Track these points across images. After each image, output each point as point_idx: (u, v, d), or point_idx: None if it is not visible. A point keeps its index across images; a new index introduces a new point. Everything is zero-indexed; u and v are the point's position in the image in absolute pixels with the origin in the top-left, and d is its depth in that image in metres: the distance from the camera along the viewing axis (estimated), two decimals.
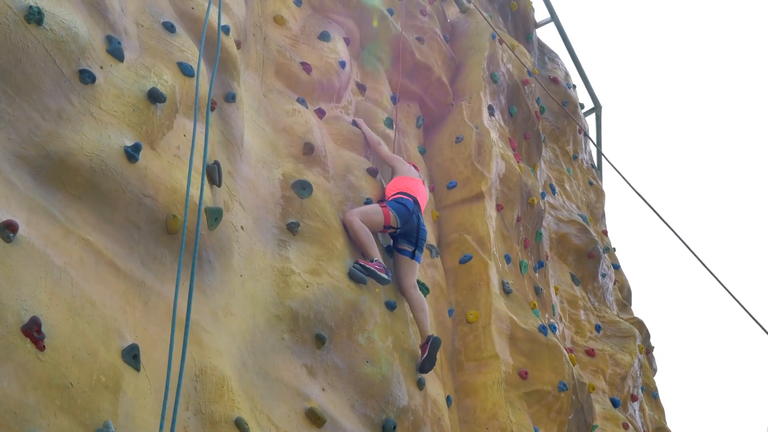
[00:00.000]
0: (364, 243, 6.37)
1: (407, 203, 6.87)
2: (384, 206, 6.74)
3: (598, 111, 15.22)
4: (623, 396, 10.04)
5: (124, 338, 4.04)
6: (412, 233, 6.85)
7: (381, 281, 6.20)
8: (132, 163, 4.48)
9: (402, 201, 6.88)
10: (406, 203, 6.86)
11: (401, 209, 6.77)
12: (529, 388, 7.42)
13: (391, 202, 6.86)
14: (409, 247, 6.85)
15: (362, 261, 6.17)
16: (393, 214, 6.71)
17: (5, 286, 3.51)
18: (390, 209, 6.72)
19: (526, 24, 12.93)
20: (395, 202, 6.85)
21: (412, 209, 6.87)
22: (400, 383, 5.92)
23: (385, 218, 6.67)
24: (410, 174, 7.35)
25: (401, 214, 6.75)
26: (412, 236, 6.86)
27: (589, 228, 11.46)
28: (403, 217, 6.76)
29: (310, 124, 6.91)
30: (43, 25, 4.20)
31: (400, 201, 6.87)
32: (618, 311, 11.85)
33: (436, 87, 9.61)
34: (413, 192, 7.11)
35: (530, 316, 8.07)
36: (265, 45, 7.28)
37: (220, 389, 4.45)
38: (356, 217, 6.46)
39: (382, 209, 6.70)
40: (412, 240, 6.86)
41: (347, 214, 6.49)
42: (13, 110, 4.03)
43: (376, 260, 6.25)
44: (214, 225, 4.98)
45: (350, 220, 6.43)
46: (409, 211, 6.81)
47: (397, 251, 6.90)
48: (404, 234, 6.84)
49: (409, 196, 7.01)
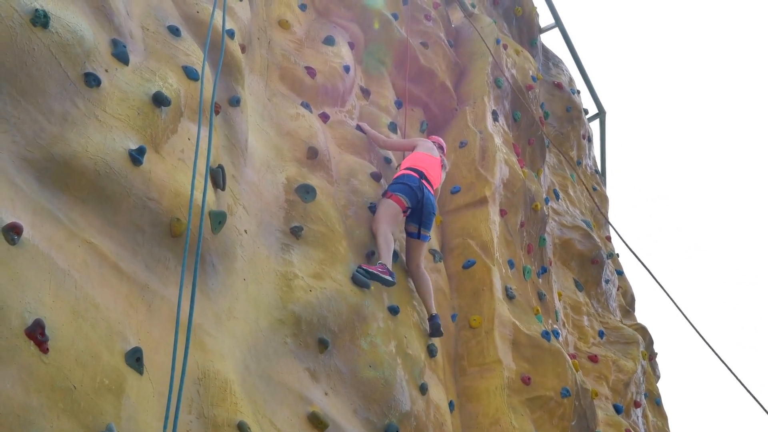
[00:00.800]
0: (381, 247, 6.46)
1: (410, 179, 6.94)
2: (390, 196, 6.82)
3: (603, 116, 15.23)
4: (626, 402, 10.01)
5: (127, 341, 4.04)
6: (416, 212, 6.92)
7: (386, 284, 6.24)
8: (136, 166, 4.48)
9: (403, 179, 6.96)
10: (407, 180, 6.93)
11: (404, 189, 6.86)
12: (531, 394, 7.40)
13: (392, 186, 6.94)
14: (414, 227, 6.95)
15: (365, 265, 6.18)
16: (401, 197, 6.80)
17: (9, 289, 3.51)
18: (395, 194, 6.81)
19: (531, 29, 12.94)
20: (396, 184, 6.93)
21: (416, 185, 6.91)
22: (403, 388, 5.92)
23: (399, 204, 6.78)
24: (426, 150, 7.38)
25: (406, 194, 6.84)
26: (416, 215, 6.92)
27: (592, 234, 11.45)
28: (409, 196, 6.85)
29: (314, 128, 6.92)
30: (48, 28, 4.21)
31: (400, 181, 6.95)
32: (621, 317, 11.83)
33: (440, 92, 9.62)
34: (422, 167, 7.14)
35: (533, 321, 8.05)
36: (269, 49, 7.29)
37: (223, 393, 4.45)
38: (384, 225, 6.57)
39: (392, 200, 6.78)
40: (416, 219, 6.92)
41: (373, 225, 6.62)
42: (18, 113, 4.04)
43: (380, 263, 6.27)
44: (218, 229, 4.99)
45: (377, 229, 6.56)
46: (412, 188, 6.88)
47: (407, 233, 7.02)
48: (414, 215, 6.94)
49: (414, 171, 7.07)
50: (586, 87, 14.73)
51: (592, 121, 15.04)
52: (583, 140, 13.31)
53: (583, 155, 13.29)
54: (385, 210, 6.72)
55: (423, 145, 7.45)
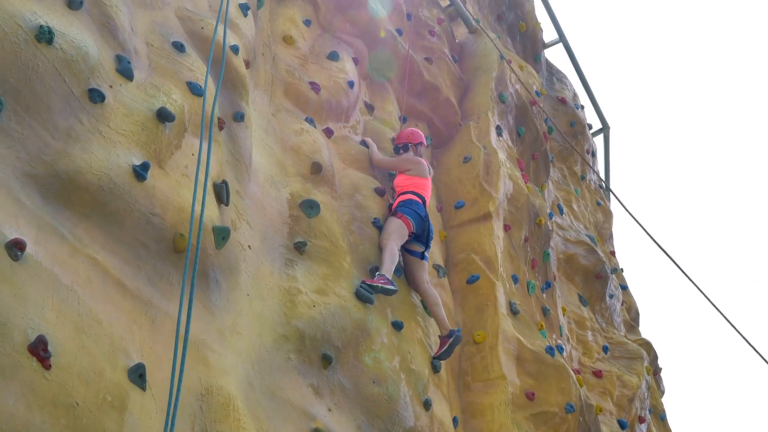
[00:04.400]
0: (385, 261, 6.54)
1: (418, 208, 7.11)
2: (400, 216, 6.95)
3: (607, 132, 15.21)
4: (631, 418, 9.96)
5: (130, 357, 4.03)
6: (423, 236, 7.14)
7: (389, 293, 6.29)
8: (140, 182, 4.49)
9: (412, 206, 7.09)
10: (417, 209, 7.10)
11: (414, 216, 7.02)
12: (536, 410, 7.38)
13: (404, 210, 7.04)
14: (420, 248, 7.12)
15: (368, 280, 6.19)
16: (411, 221, 6.97)
17: (12, 305, 3.50)
18: (407, 218, 6.96)
19: (535, 45, 12.96)
20: (406, 208, 7.06)
21: (424, 215, 7.13)
22: (407, 404, 5.90)
23: (408, 228, 6.94)
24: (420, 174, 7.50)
25: (415, 221, 7.00)
26: (423, 238, 7.15)
27: (596, 248, 11.43)
28: (417, 223, 7.01)
29: (318, 143, 6.92)
30: (53, 44, 4.22)
31: (411, 207, 7.08)
32: (626, 332, 11.79)
33: (445, 107, 9.63)
34: (421, 190, 7.35)
35: (537, 336, 8.03)
36: (274, 65, 7.31)
37: (226, 409, 4.43)
38: (393, 243, 6.72)
39: (403, 221, 6.92)
40: (423, 242, 7.15)
41: (381, 241, 6.76)
42: (22, 129, 4.04)
43: (379, 274, 6.29)
44: (222, 244, 4.98)
45: (385, 245, 6.69)
46: (422, 218, 7.08)
47: (407, 252, 7.09)
48: (416, 236, 7.10)
49: (417, 196, 7.25)
50: (590, 102, 14.74)
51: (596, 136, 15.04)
52: (587, 155, 13.31)
53: (586, 170, 13.29)
54: (396, 228, 6.87)
55: (416, 168, 7.52)
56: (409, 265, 7.08)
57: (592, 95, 14.68)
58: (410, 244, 7.09)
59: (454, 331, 6.75)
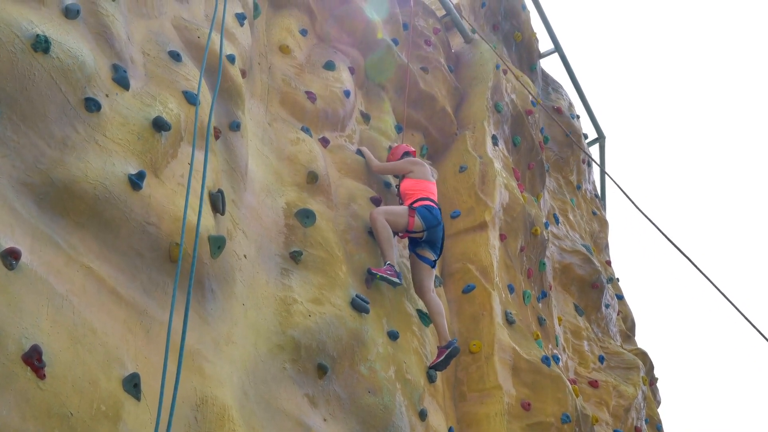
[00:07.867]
0: (383, 243, 6.50)
1: (436, 212, 6.99)
2: (412, 211, 6.86)
3: (602, 141, 15.26)
4: (627, 428, 9.95)
5: (125, 367, 4.02)
6: (436, 243, 7.00)
7: (393, 285, 6.31)
8: (136, 191, 4.48)
9: (430, 209, 6.98)
10: (434, 212, 6.98)
11: (429, 217, 6.89)
12: (531, 420, 7.36)
13: (420, 208, 6.94)
14: (432, 255, 7.01)
15: (374, 269, 6.23)
16: (419, 221, 6.84)
17: (7, 314, 3.49)
18: (417, 216, 6.85)
19: (530, 54, 12.99)
20: (424, 209, 6.94)
21: (440, 219, 6.99)
22: (402, 414, 5.88)
23: (410, 223, 6.82)
24: (424, 177, 7.37)
25: (427, 221, 6.87)
26: (437, 246, 7.01)
27: (592, 258, 11.43)
28: (429, 224, 6.88)
29: (314, 152, 6.92)
30: (49, 53, 4.22)
31: (428, 208, 6.97)
32: (622, 342, 11.79)
33: (441, 116, 9.64)
34: (433, 195, 7.21)
35: (533, 346, 8.02)
36: (270, 74, 7.32)
37: (221, 419, 4.42)
38: (382, 215, 6.61)
39: (409, 214, 6.83)
40: (436, 250, 7.03)
41: (373, 212, 6.66)
42: (18, 137, 4.04)
43: (388, 264, 6.30)
44: (217, 253, 4.97)
45: (375, 218, 6.59)
46: (437, 220, 6.95)
47: (418, 257, 7.01)
48: (429, 242, 6.97)
49: (433, 202, 7.11)
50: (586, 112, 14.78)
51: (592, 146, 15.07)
52: (582, 165, 13.34)
53: (582, 180, 13.31)
54: (396, 211, 6.80)
55: (419, 170, 7.40)
56: (419, 271, 7.00)
57: (588, 105, 14.74)
58: (422, 250, 7.00)
59: (452, 342, 6.68)
